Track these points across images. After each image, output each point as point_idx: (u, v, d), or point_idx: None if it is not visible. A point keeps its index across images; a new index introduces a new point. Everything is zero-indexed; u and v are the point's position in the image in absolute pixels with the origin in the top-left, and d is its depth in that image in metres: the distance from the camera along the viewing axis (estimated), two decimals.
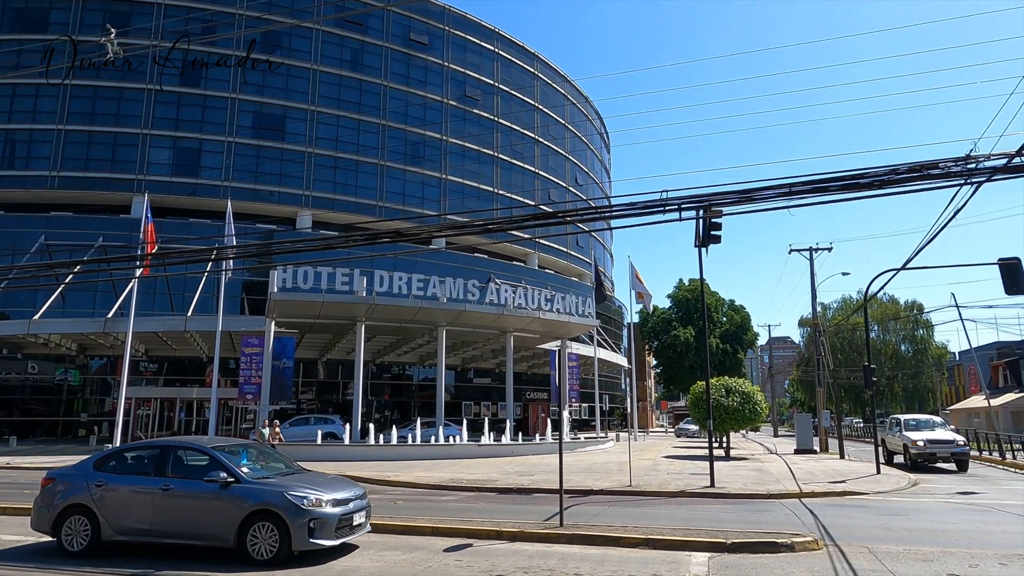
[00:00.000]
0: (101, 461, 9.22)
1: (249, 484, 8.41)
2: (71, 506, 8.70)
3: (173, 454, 9.03)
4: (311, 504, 8.20)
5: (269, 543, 8.04)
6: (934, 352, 65.61)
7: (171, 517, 8.44)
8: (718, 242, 12.95)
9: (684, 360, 59.61)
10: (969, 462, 22.23)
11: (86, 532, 8.57)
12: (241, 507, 8.16)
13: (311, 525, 8.09)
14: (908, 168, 8.41)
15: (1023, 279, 16.20)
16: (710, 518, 11.65)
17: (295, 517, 8.04)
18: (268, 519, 8.08)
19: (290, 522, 8.00)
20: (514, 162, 50.21)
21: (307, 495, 8.26)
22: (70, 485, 8.92)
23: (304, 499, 8.20)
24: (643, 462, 23.76)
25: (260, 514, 8.11)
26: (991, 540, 9.70)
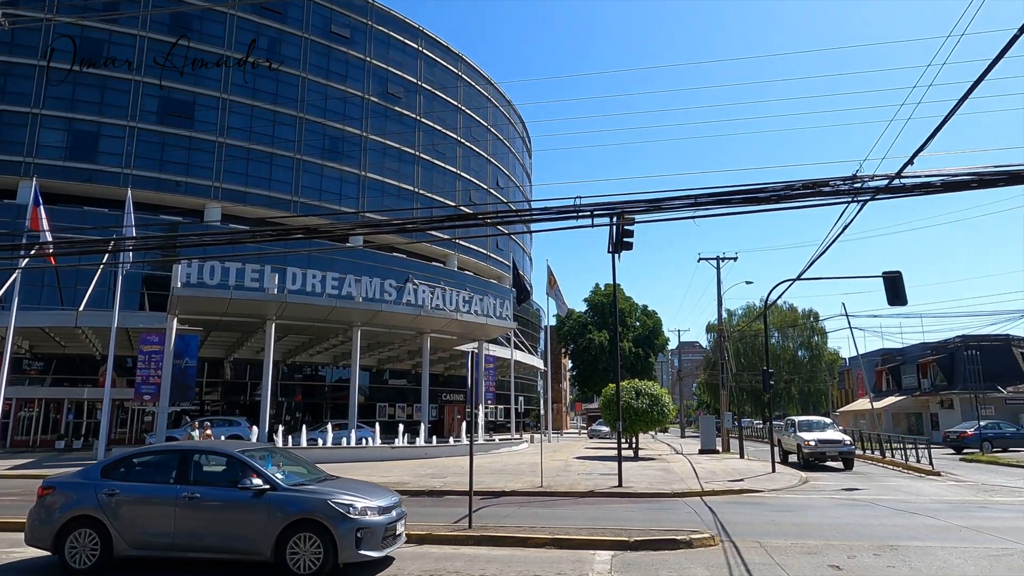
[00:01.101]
0: (110, 468, 8.28)
1: (287, 492, 7.76)
2: (77, 518, 7.79)
3: (195, 459, 8.27)
4: (358, 512, 7.59)
5: (312, 556, 7.36)
6: (827, 357, 70.17)
7: (197, 529, 7.68)
8: (630, 248, 13.36)
9: (599, 363, 61.06)
10: (854, 460, 23.77)
11: (95, 547, 7.70)
12: (280, 516, 7.50)
13: (358, 535, 7.47)
14: (802, 185, 8.96)
15: (904, 292, 17.61)
16: (616, 517, 11.97)
17: (342, 527, 7.41)
18: (311, 529, 7.43)
19: (337, 532, 7.37)
20: (435, 162, 49.92)
21: (353, 502, 7.66)
22: (75, 495, 7.99)
23: (351, 507, 7.58)
24: (555, 463, 24.13)
25: (301, 524, 7.47)
26: (868, 532, 10.46)
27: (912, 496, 15.67)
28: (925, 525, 11.28)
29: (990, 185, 8.92)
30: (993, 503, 14.51)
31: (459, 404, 47.16)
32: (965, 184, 8.79)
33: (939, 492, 16.61)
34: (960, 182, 8.74)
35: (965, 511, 13.07)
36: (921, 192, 9.04)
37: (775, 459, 22.24)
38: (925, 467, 22.52)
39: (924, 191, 9.00)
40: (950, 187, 8.92)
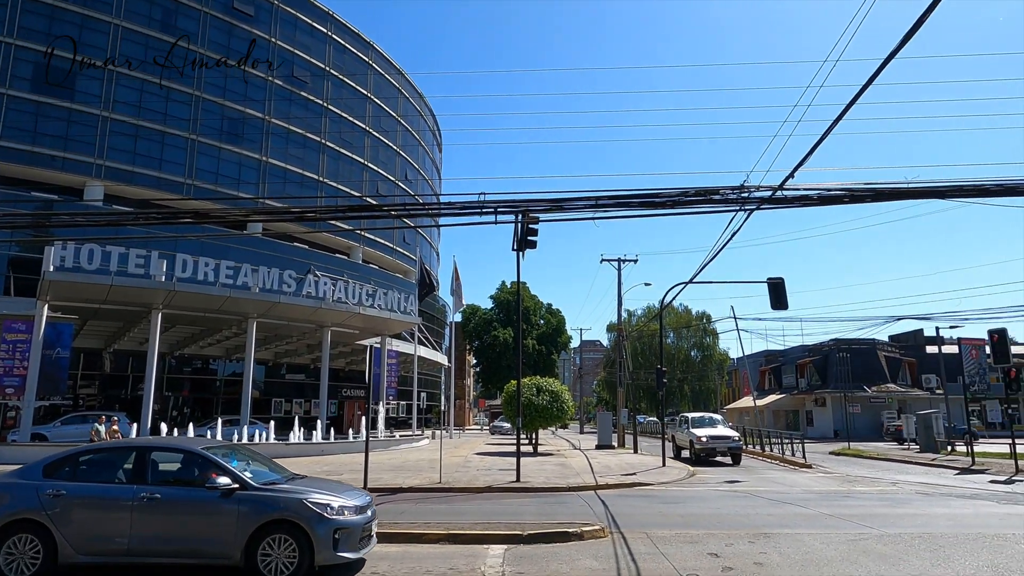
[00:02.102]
0: (53, 466, 7.44)
1: (258, 491, 7.28)
2: (16, 522, 7.02)
3: (153, 457, 7.51)
4: (335, 512, 7.23)
5: (286, 559, 6.95)
6: (717, 357, 74.18)
7: (157, 532, 7.07)
8: (534, 247, 13.56)
9: (503, 360, 61.63)
10: (742, 455, 25.10)
11: (36, 554, 6.92)
12: (251, 518, 7.04)
13: (336, 536, 7.12)
14: (696, 192, 9.41)
15: (785, 297, 18.87)
16: (513, 511, 12.11)
17: (319, 527, 7.04)
18: (285, 531, 7.02)
19: (314, 533, 7.00)
20: (342, 151, 48.55)
21: (330, 502, 7.30)
22: (12, 496, 7.20)
23: (328, 507, 7.22)
24: (455, 459, 24.13)
25: (275, 525, 7.04)
26: (745, 522, 11.14)
27: (786, 487, 16.83)
28: (795, 514, 12.15)
29: (860, 200, 9.71)
30: (855, 492, 15.83)
31: (360, 400, 46.17)
32: (839, 199, 9.52)
33: (810, 483, 17.94)
34: (834, 196, 9.46)
35: (831, 500, 14.18)
36: (800, 204, 9.72)
37: (665, 454, 23.25)
38: (799, 460, 24.28)
39: (803, 203, 9.68)
40: (826, 201, 9.64)
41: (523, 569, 7.78)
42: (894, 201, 9.76)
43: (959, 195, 9.84)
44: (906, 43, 6.58)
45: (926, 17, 6.29)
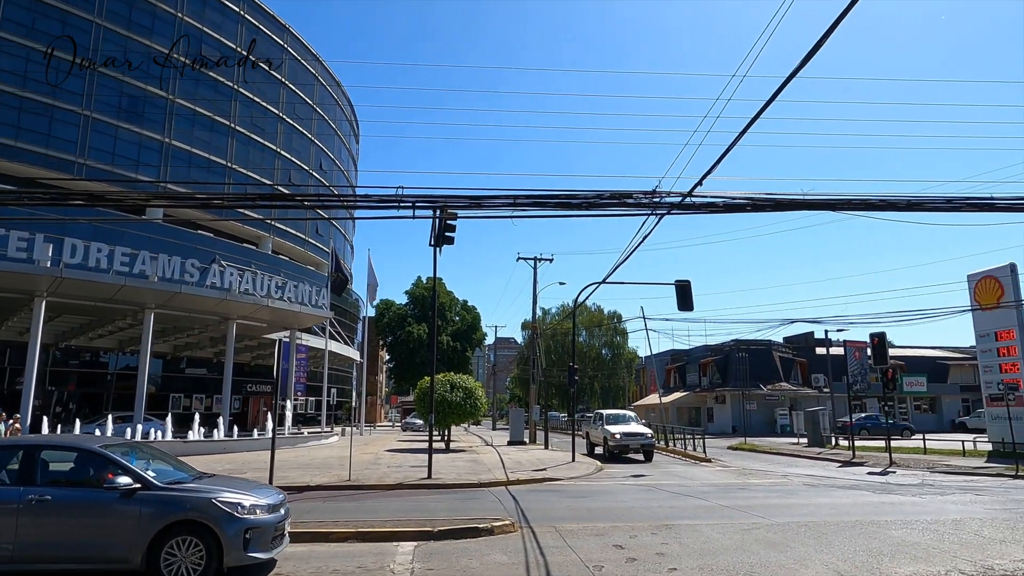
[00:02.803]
0: None
1: (162, 491, 6.88)
2: None
3: (43, 456, 6.83)
4: (246, 511, 6.93)
5: (192, 561, 6.61)
6: (627, 356, 76.56)
7: (48, 537, 6.51)
8: (451, 243, 13.52)
9: (416, 356, 61.07)
10: (654, 452, 25.34)
11: None
12: (154, 519, 6.63)
13: (247, 536, 6.82)
14: (610, 195, 9.68)
15: (691, 299, 19.70)
16: (423, 508, 12.05)
17: (229, 527, 6.73)
18: (191, 532, 6.67)
19: (223, 534, 6.68)
20: (253, 137, 46.54)
21: (241, 500, 6.98)
22: None
23: (238, 506, 6.91)
24: (366, 456, 23.74)
25: (181, 526, 6.67)
26: (648, 514, 11.58)
27: (688, 481, 17.62)
28: (695, 506, 12.74)
29: (761, 209, 10.30)
30: (750, 485, 16.78)
31: (266, 395, 44.50)
32: (742, 207, 10.05)
33: (709, 477, 18.85)
34: (738, 205, 9.98)
35: (728, 492, 14.97)
36: (708, 211, 10.19)
37: (576, 450, 23.80)
38: (700, 455, 25.45)
39: (710, 210, 10.15)
40: (730, 208, 10.15)
41: (433, 565, 7.78)
42: (791, 211, 10.41)
43: (848, 208, 10.62)
44: (804, 65, 7.02)
45: (823, 43, 6.75)
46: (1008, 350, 25.18)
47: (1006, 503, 13.06)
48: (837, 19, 6.46)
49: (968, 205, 10.64)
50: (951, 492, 14.97)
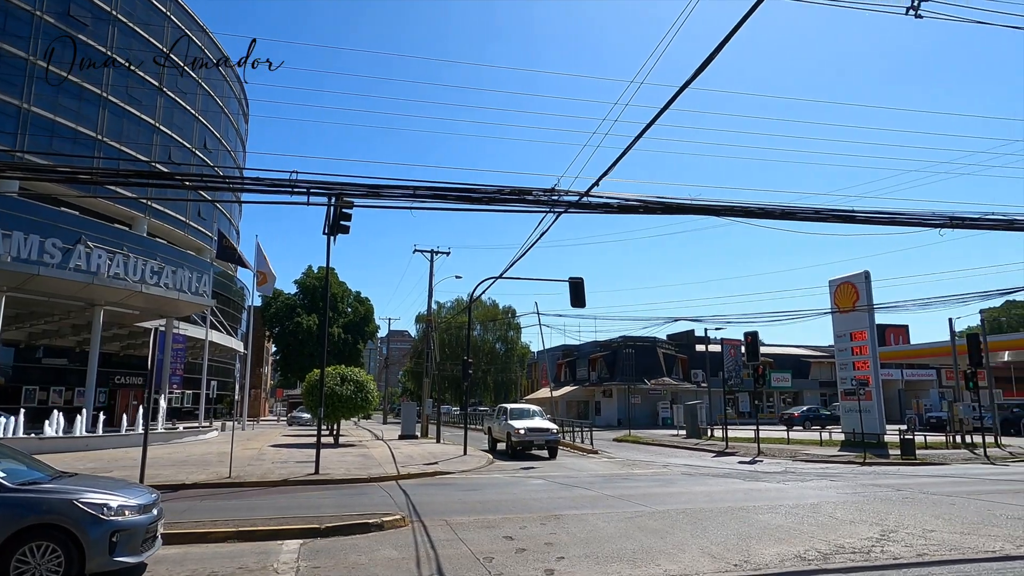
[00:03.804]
0: None
1: (16, 492, 6.30)
2: None
3: None
4: (113, 513, 6.44)
5: (48, 568, 6.07)
6: (520, 351, 77.73)
7: None
8: (346, 232, 13.15)
9: (305, 348, 59.01)
10: (559, 449, 23.71)
11: None
12: (3, 523, 6.02)
13: (113, 539, 6.34)
14: (511, 191, 9.77)
15: (583, 296, 20.26)
16: (310, 505, 11.68)
17: (93, 531, 6.24)
18: (48, 537, 6.12)
19: (86, 538, 6.18)
20: (129, 109, 42.97)
21: (107, 501, 6.48)
22: None
23: (104, 507, 6.41)
24: (248, 452, 22.69)
25: (35, 531, 6.09)
26: (538, 505, 11.84)
27: (576, 472, 18.16)
28: (582, 496, 13.16)
29: (652, 212, 10.76)
30: (634, 475, 17.55)
31: (137, 388, 41.36)
32: (635, 208, 10.46)
33: (596, 468, 19.53)
34: (631, 206, 10.37)
35: (613, 483, 15.57)
36: (603, 211, 10.52)
37: (467, 443, 23.89)
38: (588, 447, 26.31)
39: (605, 210, 10.49)
40: (624, 209, 10.54)
41: (320, 563, 7.55)
42: (680, 215, 10.96)
43: (730, 214, 11.33)
44: (698, 76, 7.40)
45: (713, 58, 7.14)
46: (861, 349, 27.82)
47: (855, 488, 14.44)
48: (725, 38, 6.85)
49: (833, 216, 11.64)
50: (810, 479, 16.36)
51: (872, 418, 26.26)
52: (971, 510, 11.12)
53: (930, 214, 12.05)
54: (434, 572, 7.12)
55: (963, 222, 12.17)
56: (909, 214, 11.91)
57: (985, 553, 7.85)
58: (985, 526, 9.61)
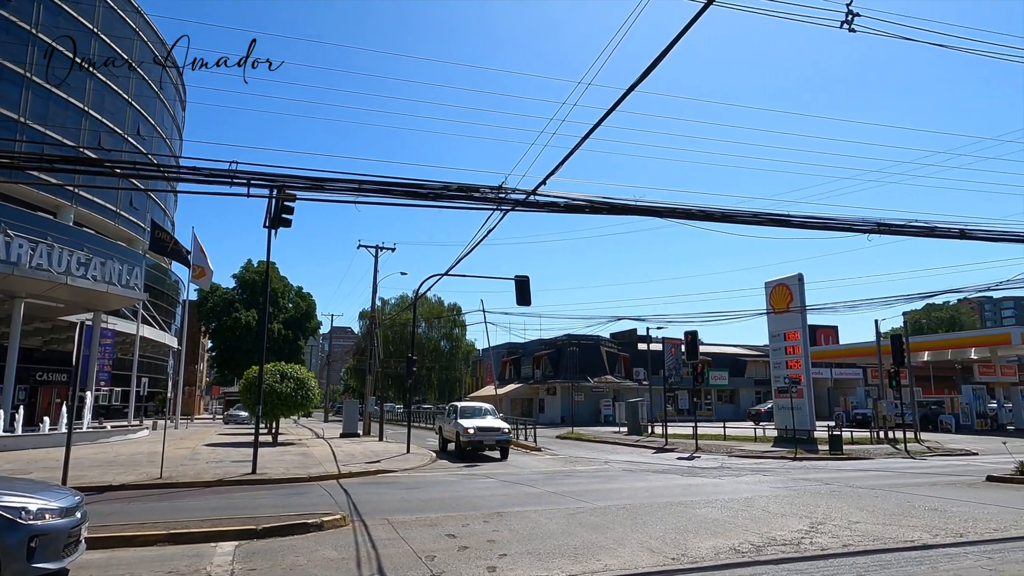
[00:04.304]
0: None
1: None
2: None
3: None
4: (32, 516, 6.10)
5: None
6: (465, 348, 77.53)
7: None
8: (288, 225, 12.80)
9: (243, 344, 57.36)
10: (510, 449, 22.60)
11: None
12: None
13: (32, 544, 6.00)
14: (458, 187, 9.72)
15: (529, 294, 20.35)
16: (246, 505, 11.35)
17: (9, 536, 5.91)
18: None
19: (2, 543, 5.86)
20: (55, 91, 40.71)
21: (25, 505, 6.13)
22: None
23: (21, 511, 6.06)
24: (181, 451, 21.89)
25: None
26: (481, 503, 11.83)
27: (519, 469, 18.24)
28: (525, 493, 13.23)
29: (598, 212, 10.89)
30: (576, 471, 17.75)
31: (61, 385, 39.34)
32: (581, 208, 10.56)
33: (539, 465, 19.66)
34: (578, 206, 10.47)
35: (556, 479, 15.71)
36: (550, 210, 10.59)
37: (411, 441, 23.67)
38: (531, 444, 26.47)
39: (552, 209, 10.56)
40: (571, 209, 10.63)
41: (256, 565, 7.34)
42: (625, 215, 11.13)
43: (672, 216, 11.57)
44: (643, 79, 7.53)
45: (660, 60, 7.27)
46: (794, 349, 28.91)
47: (787, 482, 15.00)
48: (669, 44, 6.98)
49: (769, 220, 12.04)
50: (744, 474, 16.91)
51: (803, 415, 27.33)
52: (892, 502, 11.71)
53: (859, 220, 12.61)
54: (375, 572, 7.02)
55: (889, 228, 12.79)
56: (840, 220, 12.43)
57: (905, 543, 8.27)
58: (905, 517, 10.13)
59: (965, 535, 8.71)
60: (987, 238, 13.62)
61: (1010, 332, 40.93)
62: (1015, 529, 9.09)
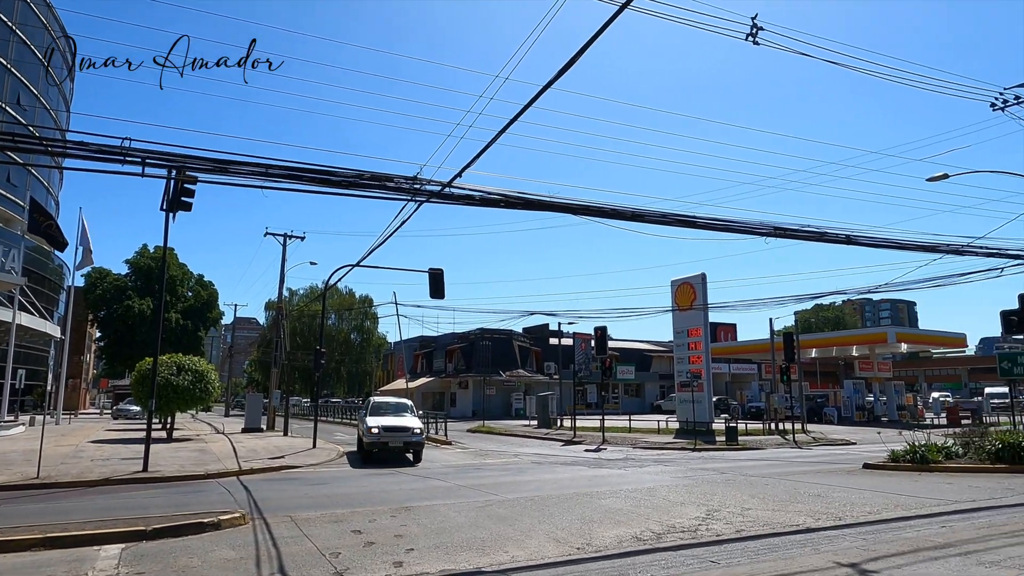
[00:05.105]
0: None
1: None
2: None
3: None
4: None
5: None
6: (376, 341, 76.22)
7: None
8: (188, 209, 12.09)
9: (136, 334, 53.92)
10: (423, 451, 19.00)
11: None
12: None
13: None
14: (371, 176, 9.50)
15: (443, 287, 20.21)
16: (136, 505, 10.68)
17: None
18: None
19: None
20: None
21: None
22: None
23: None
24: (63, 449, 20.33)
25: None
26: (389, 498, 11.67)
27: (429, 463, 18.12)
28: (434, 487, 13.17)
29: (513, 207, 10.94)
30: (486, 465, 17.83)
31: None
32: (496, 202, 10.58)
33: (449, 458, 19.61)
34: (492, 199, 10.48)
35: (465, 473, 15.73)
36: (465, 203, 10.54)
37: (316, 435, 23.03)
38: (442, 438, 26.38)
39: (467, 202, 10.52)
40: (486, 202, 10.63)
41: (145, 568, 6.91)
42: (540, 211, 11.25)
43: (586, 213, 11.80)
44: (561, 76, 7.62)
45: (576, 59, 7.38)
46: (696, 345, 30.26)
47: (687, 472, 15.69)
48: (587, 43, 7.10)
49: (676, 220, 12.51)
50: (648, 464, 17.55)
51: (703, 408, 28.67)
52: (781, 489, 12.48)
53: (759, 224, 13.33)
54: (275, 571, 6.77)
55: (785, 232, 13.59)
56: (741, 222, 13.08)
57: (791, 527, 8.84)
58: (792, 503, 10.83)
59: (843, 518, 9.40)
60: (869, 244, 14.73)
61: (887, 331, 44.62)
62: (886, 512, 9.91)
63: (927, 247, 16.02)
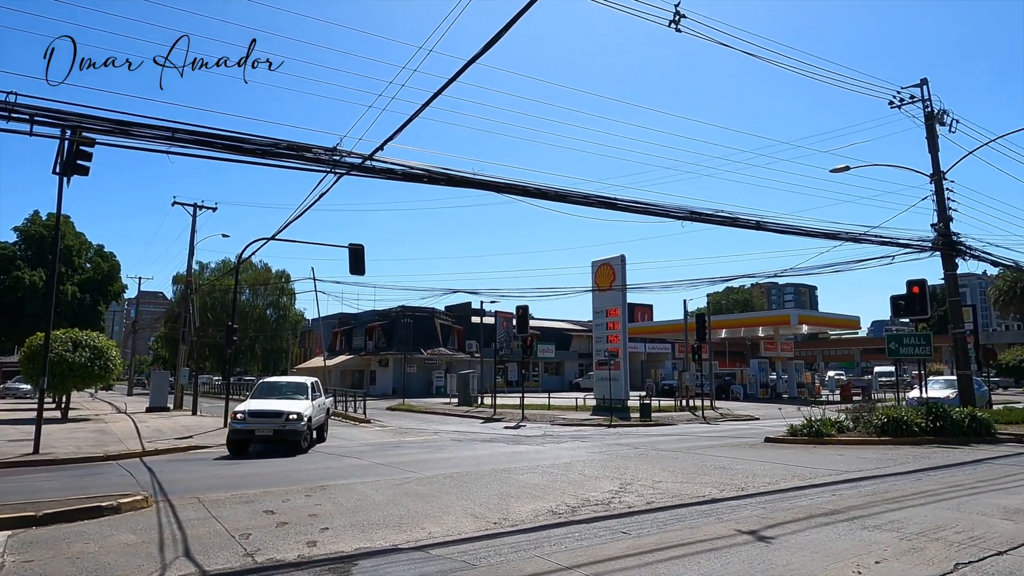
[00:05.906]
0: None
1: None
2: None
3: None
4: None
5: None
6: (293, 318, 74.06)
7: None
8: (85, 173, 11.21)
9: (27, 308, 50.14)
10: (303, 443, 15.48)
11: None
12: None
13: None
14: (288, 145, 9.12)
15: (363, 263, 19.82)
16: (25, 490, 9.98)
17: None
18: None
19: None
20: None
21: None
22: None
23: None
24: None
25: None
26: (303, 477, 11.43)
27: (346, 441, 17.86)
28: (351, 465, 12.99)
29: (436, 182, 10.80)
30: (405, 442, 17.75)
31: None
32: (419, 177, 10.41)
33: (367, 437, 19.41)
34: (415, 174, 10.31)
35: (383, 451, 15.60)
36: (387, 176, 10.31)
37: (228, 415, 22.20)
38: (360, 416, 26.04)
39: (389, 176, 10.29)
40: (408, 177, 10.43)
41: (34, 556, 6.47)
42: (463, 188, 11.15)
43: (510, 192, 11.80)
44: (486, 51, 7.52)
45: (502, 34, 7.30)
46: (614, 324, 31.04)
47: (602, 447, 16.16)
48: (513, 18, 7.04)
49: (598, 202, 12.72)
50: (565, 440, 17.95)
51: (619, 385, 29.53)
52: (689, 463, 13.07)
53: (675, 207, 13.75)
54: (180, 555, 6.50)
55: (700, 216, 14.08)
56: (659, 205, 13.46)
57: (698, 498, 9.27)
58: (699, 475, 11.36)
59: (745, 489, 9.95)
60: (777, 230, 15.49)
61: (790, 314, 47.32)
62: (784, 482, 10.55)
63: (829, 234, 17.03)
